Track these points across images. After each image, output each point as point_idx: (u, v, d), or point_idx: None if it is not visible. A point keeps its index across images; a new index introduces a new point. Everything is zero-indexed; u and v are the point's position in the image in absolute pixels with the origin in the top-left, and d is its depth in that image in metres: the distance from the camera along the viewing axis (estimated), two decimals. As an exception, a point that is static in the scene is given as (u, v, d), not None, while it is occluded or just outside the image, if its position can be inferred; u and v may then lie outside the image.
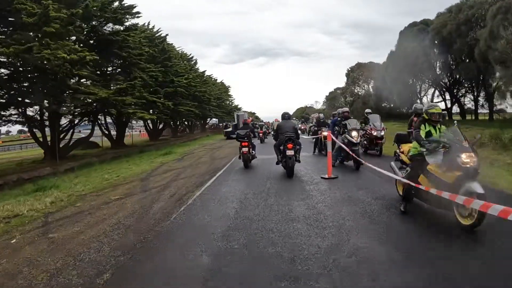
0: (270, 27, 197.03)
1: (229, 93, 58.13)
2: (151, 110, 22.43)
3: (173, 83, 24.71)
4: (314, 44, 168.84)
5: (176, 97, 25.67)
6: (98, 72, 19.28)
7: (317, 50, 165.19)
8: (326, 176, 7.11)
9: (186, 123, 49.92)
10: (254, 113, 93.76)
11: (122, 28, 19.89)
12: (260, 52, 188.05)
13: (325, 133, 9.80)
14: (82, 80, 16.76)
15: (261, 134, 22.61)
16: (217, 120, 60.13)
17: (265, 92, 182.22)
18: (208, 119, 56.16)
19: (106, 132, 27.88)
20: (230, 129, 28.93)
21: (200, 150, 18.19)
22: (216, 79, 52.27)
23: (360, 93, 57.01)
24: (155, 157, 16.15)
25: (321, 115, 13.68)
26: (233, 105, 59.82)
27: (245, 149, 9.44)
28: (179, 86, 24.74)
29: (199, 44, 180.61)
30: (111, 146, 28.30)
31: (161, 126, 37.00)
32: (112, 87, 18.47)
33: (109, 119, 27.28)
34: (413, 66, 26.66)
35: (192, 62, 35.48)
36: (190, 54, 37.08)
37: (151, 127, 34.23)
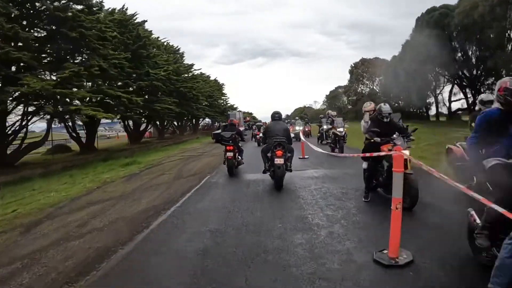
0: (269, 28, 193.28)
1: (223, 92, 53.87)
2: (126, 109, 18.22)
3: (148, 76, 20.45)
4: (312, 44, 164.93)
5: (153, 92, 21.45)
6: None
7: (316, 50, 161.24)
8: (386, 261, 2.87)
9: (175, 123, 45.74)
10: (251, 113, 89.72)
11: (78, 8, 15.72)
12: (259, 53, 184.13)
13: (405, 152, 3.51)
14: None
15: (258, 136, 18.89)
16: (210, 120, 55.96)
17: (264, 92, 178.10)
18: (201, 119, 51.95)
19: (74, 134, 23.89)
20: (219, 131, 24.69)
21: (173, 159, 13.98)
22: (209, 76, 48.04)
23: (364, 92, 52.99)
24: (109, 170, 12.24)
25: (386, 106, 4.94)
26: (227, 104, 55.52)
27: (230, 154, 8.14)
28: (156, 80, 20.47)
29: (198, 44, 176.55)
30: (79, 150, 24.39)
31: (147, 127, 32.95)
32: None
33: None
34: (435, 57, 22.48)
35: (178, 55, 31.20)
36: (177, 46, 32.83)
37: (132, 128, 30.03)
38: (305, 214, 4.49)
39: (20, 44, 14.05)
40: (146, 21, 23.27)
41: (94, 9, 16.83)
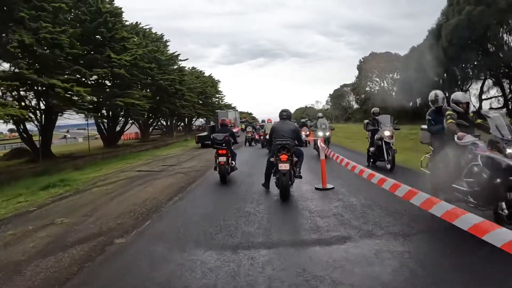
0: (269, 28, 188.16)
1: (218, 89, 49.05)
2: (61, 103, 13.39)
3: (110, 62, 15.66)
4: (313, 45, 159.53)
5: (123, 84, 16.69)
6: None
7: (316, 51, 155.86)
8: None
9: (163, 123, 41.04)
10: (250, 113, 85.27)
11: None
12: (259, 53, 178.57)
13: None
14: None
15: (262, 137, 15.60)
16: (204, 120, 51.29)
17: (264, 92, 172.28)
18: (194, 119, 47.17)
19: (25, 135, 19.26)
20: (205, 134, 19.90)
21: (120, 178, 9.20)
22: (203, 72, 43.27)
23: (373, 90, 48.09)
24: (9, 198, 7.66)
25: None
26: (223, 102, 50.72)
27: (222, 159, 6.96)
28: (120, 66, 15.64)
29: (198, 44, 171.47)
30: (32, 157, 19.80)
31: (124, 127, 28.11)
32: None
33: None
34: (474, 43, 17.59)
35: (160, 43, 26.33)
36: (161, 34, 28.03)
37: (107, 129, 25.26)
38: None
39: None
40: (116, -4, 18.56)
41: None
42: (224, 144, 7.10)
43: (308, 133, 13.53)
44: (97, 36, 16.74)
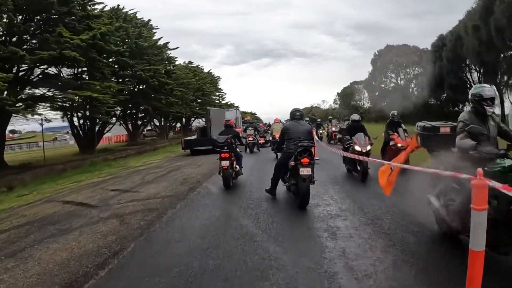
0: (273, 28, 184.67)
1: (219, 86, 45.07)
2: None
3: (63, 42, 11.68)
4: (317, 45, 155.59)
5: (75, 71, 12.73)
6: None
7: (321, 51, 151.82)
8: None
9: (157, 123, 37.17)
10: (254, 113, 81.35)
11: None
12: (264, 53, 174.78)
13: None
14: None
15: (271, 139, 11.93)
16: (203, 121, 47.41)
17: (269, 93, 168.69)
18: (192, 119, 43.29)
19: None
20: (193, 137, 15.88)
21: (16, 222, 5.17)
22: (200, 67, 39.31)
23: (387, 86, 43.80)
24: None
25: None
26: (224, 101, 46.73)
27: (225, 163, 6.38)
28: (73, 47, 11.63)
29: (202, 44, 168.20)
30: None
31: (104, 128, 24.19)
32: None
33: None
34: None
35: (144, 29, 22.25)
36: (149, 20, 24.04)
37: (82, 131, 21.39)
38: None
39: None
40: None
41: None
42: (226, 147, 6.56)
43: (368, 147, 6.45)
44: (52, 12, 12.83)
